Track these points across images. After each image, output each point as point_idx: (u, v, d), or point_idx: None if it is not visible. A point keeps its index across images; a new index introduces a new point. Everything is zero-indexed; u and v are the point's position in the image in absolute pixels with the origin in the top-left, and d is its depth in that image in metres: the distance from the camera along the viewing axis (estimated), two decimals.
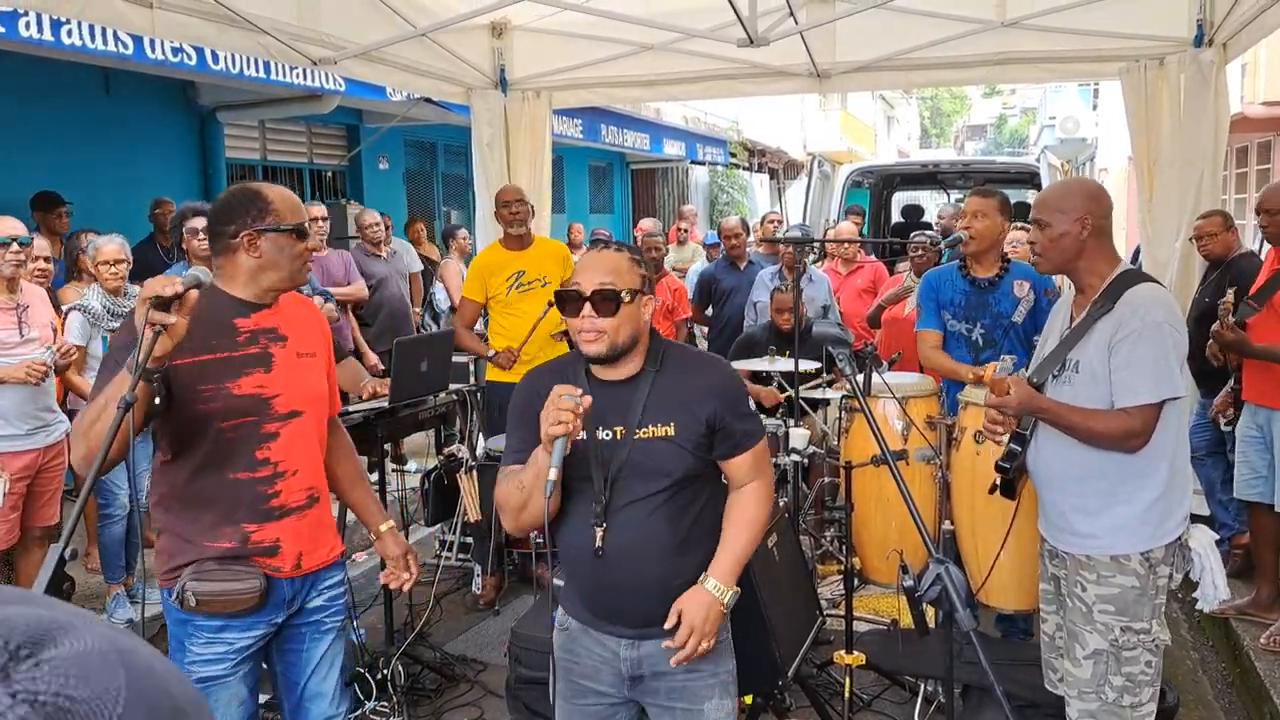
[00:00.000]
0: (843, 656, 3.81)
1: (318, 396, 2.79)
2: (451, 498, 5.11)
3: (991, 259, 4.53)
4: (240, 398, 2.60)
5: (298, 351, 2.73)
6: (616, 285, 2.33)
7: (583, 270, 2.40)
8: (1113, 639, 2.88)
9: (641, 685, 2.46)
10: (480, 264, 5.75)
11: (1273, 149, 14.48)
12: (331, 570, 2.85)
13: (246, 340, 2.64)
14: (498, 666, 4.63)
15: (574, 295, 2.34)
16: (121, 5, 4.13)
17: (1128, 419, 2.80)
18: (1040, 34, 5.70)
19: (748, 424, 2.47)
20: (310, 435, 2.75)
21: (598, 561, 2.37)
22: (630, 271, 2.38)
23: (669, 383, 2.40)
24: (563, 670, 2.55)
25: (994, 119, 66.73)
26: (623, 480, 2.37)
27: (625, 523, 2.37)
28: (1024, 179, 11.73)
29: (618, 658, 2.45)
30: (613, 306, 2.32)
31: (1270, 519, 4.70)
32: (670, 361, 2.45)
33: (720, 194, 20.81)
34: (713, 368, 2.53)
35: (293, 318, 2.77)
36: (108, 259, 4.95)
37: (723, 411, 2.40)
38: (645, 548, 2.37)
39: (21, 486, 4.55)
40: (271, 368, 2.65)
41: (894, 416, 4.66)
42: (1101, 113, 26.53)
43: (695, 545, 2.42)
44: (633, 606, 2.41)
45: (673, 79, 6.59)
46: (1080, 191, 3.04)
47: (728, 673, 2.49)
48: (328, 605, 2.83)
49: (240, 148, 10.20)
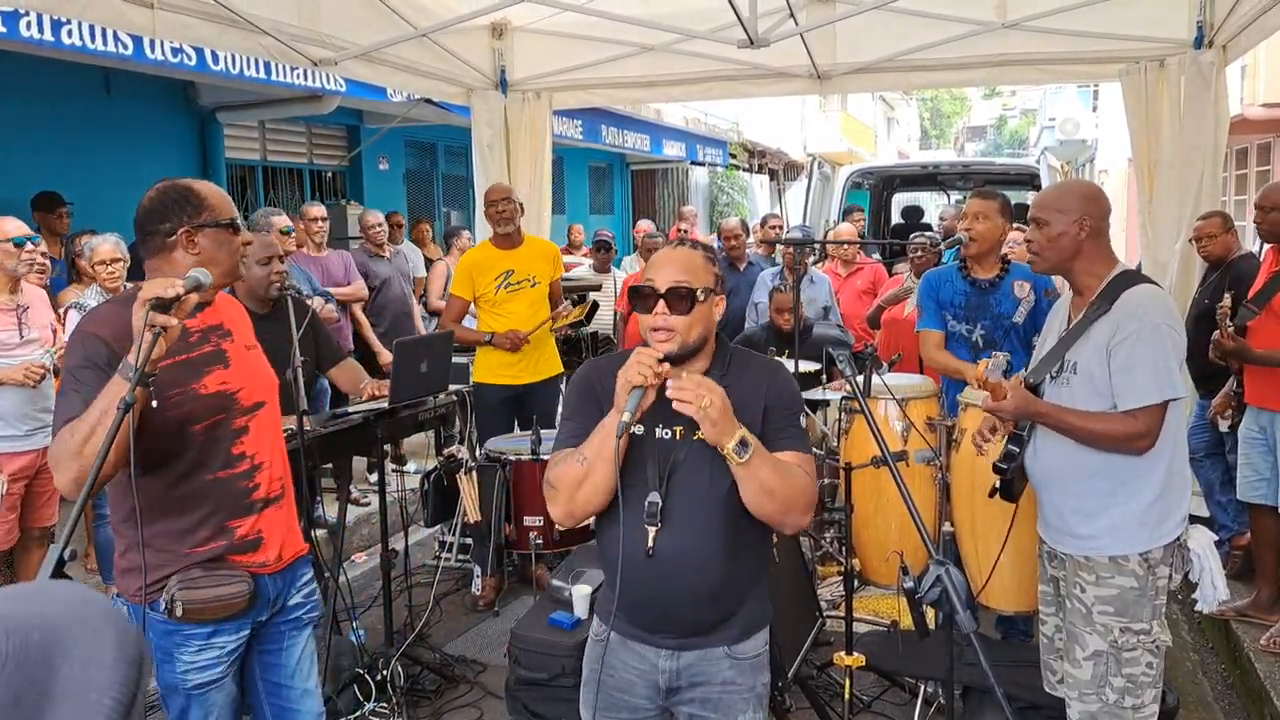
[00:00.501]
0: (843, 658, 3.81)
1: (272, 384, 2.81)
2: (451, 499, 5.10)
3: (992, 260, 4.54)
4: (207, 396, 2.58)
5: (245, 345, 2.74)
6: (692, 283, 2.30)
7: (657, 266, 2.35)
8: (1112, 640, 2.88)
9: (677, 695, 2.43)
10: (469, 262, 5.72)
11: (1272, 150, 14.49)
12: (303, 564, 2.87)
13: (198, 340, 2.62)
14: (497, 667, 4.62)
15: (648, 291, 2.31)
16: (122, 5, 4.13)
17: (1132, 421, 2.80)
18: (1040, 35, 5.70)
19: (793, 427, 2.39)
20: (274, 425, 2.78)
21: (647, 564, 2.31)
22: (705, 270, 2.35)
23: (732, 386, 2.33)
24: (595, 680, 2.48)
25: (994, 120, 66.78)
26: (678, 481, 2.33)
27: (679, 525, 2.32)
28: (1024, 180, 11.74)
29: (656, 669, 2.41)
30: (687, 305, 2.29)
31: (1272, 521, 4.70)
32: (735, 365, 2.42)
33: (720, 195, 20.81)
34: (773, 372, 2.49)
35: (229, 313, 2.79)
36: (103, 258, 4.96)
37: (771, 405, 2.37)
38: (697, 551, 2.32)
39: (20, 487, 4.56)
40: (229, 363, 2.65)
41: (894, 418, 4.66)
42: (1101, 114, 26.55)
43: (745, 554, 2.38)
44: (679, 613, 2.37)
45: (673, 80, 6.59)
46: (1079, 192, 3.04)
47: (764, 685, 2.46)
48: (304, 601, 2.85)
49: (240, 148, 10.20)
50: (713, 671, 2.40)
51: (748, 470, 2.23)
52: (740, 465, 2.22)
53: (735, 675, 2.39)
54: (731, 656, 2.40)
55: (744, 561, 2.38)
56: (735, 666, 2.40)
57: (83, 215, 7.15)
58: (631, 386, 2.20)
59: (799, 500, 2.30)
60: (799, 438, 2.38)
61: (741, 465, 2.22)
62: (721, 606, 2.37)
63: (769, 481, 2.24)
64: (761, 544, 2.46)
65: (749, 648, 2.43)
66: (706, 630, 2.38)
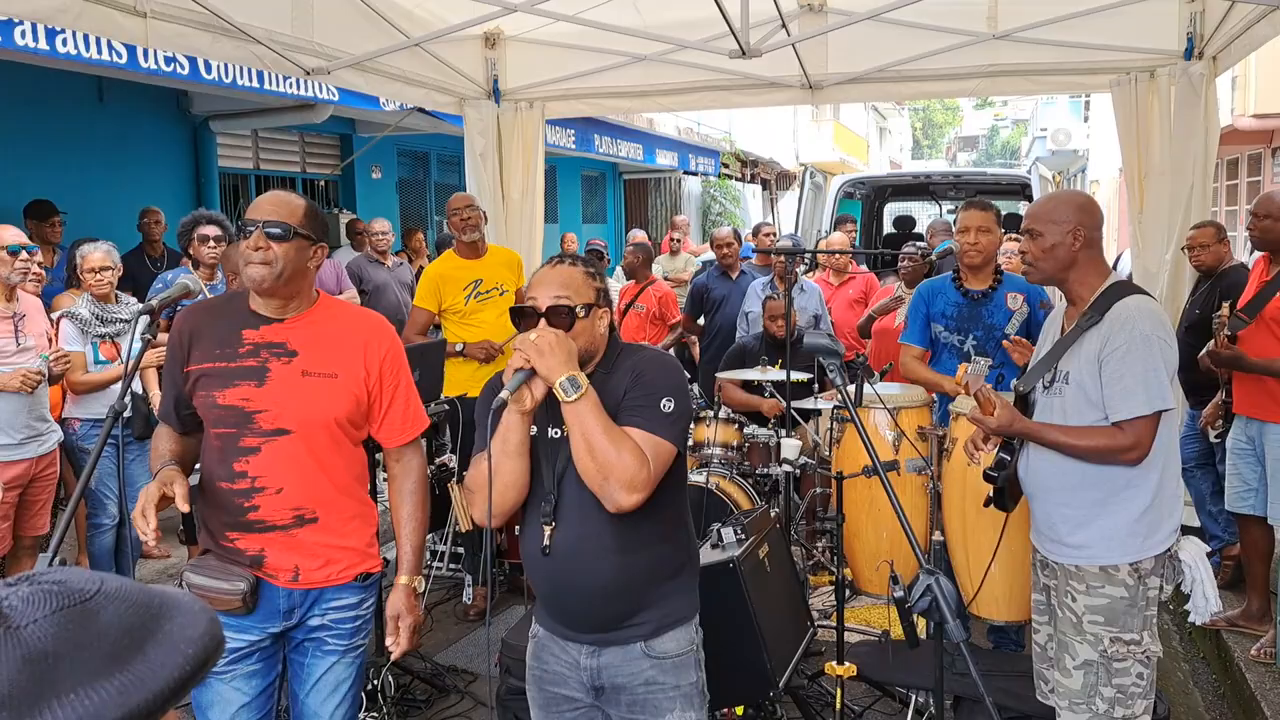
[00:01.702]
0: (834, 667, 3.81)
1: (315, 418, 2.65)
2: (442, 508, 5.10)
3: (987, 271, 4.56)
4: (222, 408, 2.62)
5: (304, 370, 2.64)
6: (571, 301, 2.34)
7: (538, 285, 2.40)
8: (1102, 649, 2.89)
9: (604, 696, 2.47)
10: (434, 273, 5.68)
11: (1263, 161, 14.55)
12: (341, 591, 2.76)
13: (247, 353, 2.64)
14: (488, 677, 4.61)
15: (529, 311, 2.36)
16: (116, 15, 4.13)
17: (1119, 434, 2.81)
18: (1032, 46, 5.73)
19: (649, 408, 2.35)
20: (301, 455, 2.65)
21: (546, 561, 2.40)
22: (585, 286, 2.39)
23: (614, 381, 2.40)
24: (534, 680, 2.56)
25: (986, 130, 67.01)
26: (571, 478, 2.37)
27: (571, 521, 2.38)
28: (1016, 190, 11.77)
29: (579, 666, 2.46)
30: (567, 322, 2.33)
31: (1261, 531, 4.71)
32: (622, 359, 2.46)
33: (713, 204, 20.85)
34: (649, 360, 2.47)
35: (316, 336, 2.69)
36: (93, 266, 4.97)
37: (632, 385, 2.38)
38: (590, 546, 2.37)
39: (13, 496, 4.54)
40: (265, 382, 2.62)
41: (885, 427, 4.67)
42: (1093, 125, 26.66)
43: (643, 546, 2.39)
44: (581, 608, 2.43)
45: (665, 90, 6.61)
46: (1072, 203, 3.05)
47: (690, 685, 2.47)
48: (332, 626, 2.75)
49: (233, 157, 10.19)
50: (633, 671, 2.43)
51: (575, 413, 2.26)
52: (569, 406, 2.26)
53: (657, 674, 2.42)
54: (650, 655, 2.43)
55: (643, 556, 2.40)
56: (656, 666, 2.43)
57: (75, 224, 7.13)
58: (514, 369, 2.27)
59: (618, 470, 2.25)
60: (655, 420, 2.34)
61: (570, 406, 2.25)
62: (623, 601, 2.40)
63: (592, 435, 2.25)
64: (665, 539, 2.46)
65: (669, 646, 2.44)
66: (614, 625, 2.42)
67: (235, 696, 2.68)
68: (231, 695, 2.68)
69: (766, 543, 3.91)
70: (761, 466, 5.56)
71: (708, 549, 3.78)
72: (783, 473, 5.22)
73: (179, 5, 4.37)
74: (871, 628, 4.82)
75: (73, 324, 4.88)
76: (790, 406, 5.38)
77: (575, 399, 2.24)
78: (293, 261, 2.60)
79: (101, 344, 4.93)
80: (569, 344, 2.29)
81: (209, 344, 2.65)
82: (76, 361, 4.78)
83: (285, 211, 2.61)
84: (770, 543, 3.96)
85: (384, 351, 2.76)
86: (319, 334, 2.70)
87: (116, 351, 4.96)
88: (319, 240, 2.69)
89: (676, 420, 2.38)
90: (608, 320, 2.45)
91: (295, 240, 2.59)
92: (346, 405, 2.69)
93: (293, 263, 2.60)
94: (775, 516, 4.31)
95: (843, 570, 4.11)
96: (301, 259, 2.63)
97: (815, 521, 5.68)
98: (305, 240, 2.63)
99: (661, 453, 2.33)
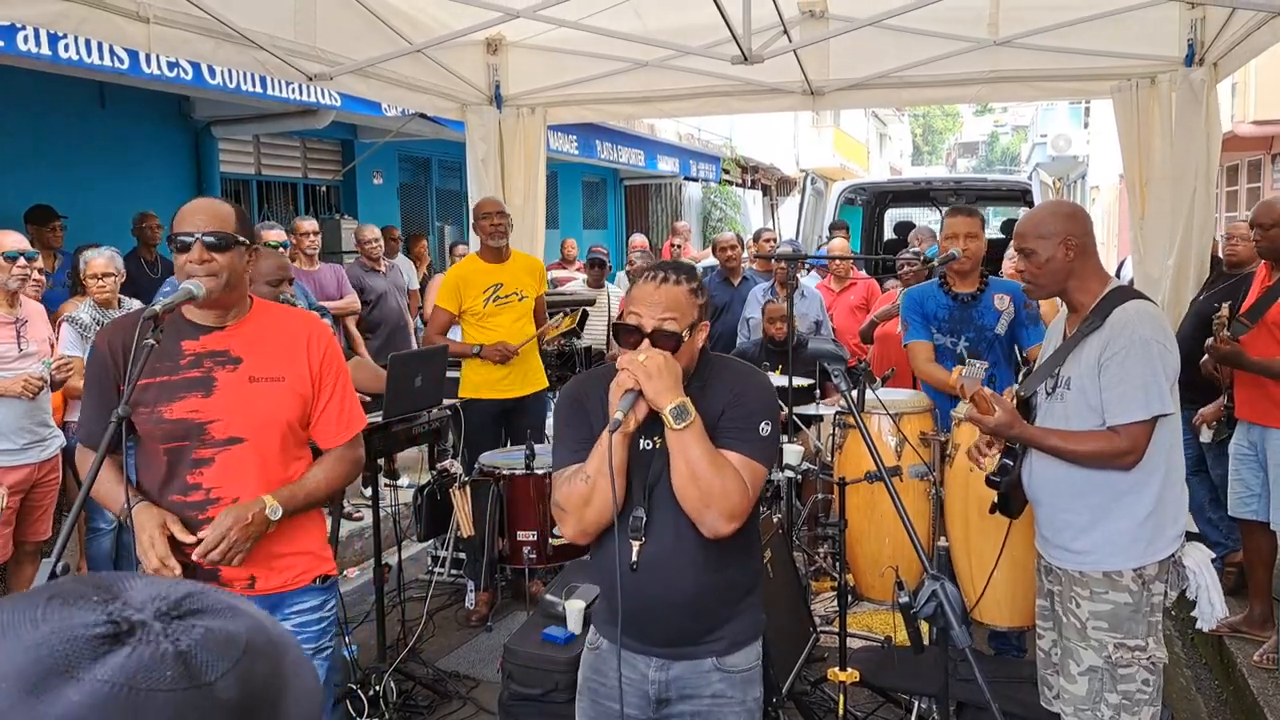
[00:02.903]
0: (837, 673, 3.81)
1: (267, 423, 2.64)
2: (444, 513, 5.09)
3: (974, 275, 4.63)
4: (172, 422, 2.60)
5: (251, 375, 2.62)
6: (678, 324, 2.29)
7: (641, 303, 2.32)
8: (1107, 656, 2.88)
9: (667, 708, 2.43)
10: (456, 275, 5.72)
11: (1263, 167, 14.57)
12: (301, 594, 2.74)
13: (189, 364, 2.62)
14: (490, 683, 4.61)
15: (633, 330, 2.31)
16: (118, 20, 4.14)
17: (1115, 438, 2.81)
18: (1033, 53, 5.73)
19: (747, 430, 2.34)
20: (252, 464, 2.63)
21: (632, 576, 2.33)
22: (690, 306, 2.33)
23: (705, 389, 2.36)
24: (589, 691, 2.50)
25: (986, 137, 67.13)
26: (661, 492, 2.33)
27: (660, 536, 2.34)
28: (1016, 196, 11.78)
29: (646, 679, 2.42)
30: (673, 344, 2.28)
31: (1264, 537, 4.70)
32: (714, 372, 2.43)
33: (713, 210, 20.86)
34: (744, 376, 2.46)
35: (258, 340, 2.67)
36: (96, 272, 4.97)
37: (730, 405, 2.35)
38: (679, 562, 2.33)
39: (15, 501, 4.54)
40: (211, 392, 2.60)
41: (887, 432, 4.67)
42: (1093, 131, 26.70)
43: (729, 564, 2.37)
44: (663, 624, 2.38)
45: (667, 96, 6.61)
46: (1056, 214, 3.06)
47: (755, 700, 2.45)
48: (298, 630, 2.72)
49: (235, 162, 10.20)
50: (702, 684, 2.39)
51: (680, 441, 2.23)
52: (675, 433, 2.23)
53: (726, 688, 2.39)
54: (721, 669, 2.40)
55: (726, 572, 2.38)
56: (725, 679, 2.40)
57: (77, 229, 7.14)
58: (623, 390, 2.22)
59: (720, 499, 2.24)
60: (752, 443, 2.34)
61: (676, 433, 2.23)
62: (704, 617, 2.37)
63: (697, 463, 2.23)
64: (746, 555, 2.44)
65: (739, 661, 2.42)
66: (691, 641, 2.38)
67: None
68: None
69: (769, 548, 3.90)
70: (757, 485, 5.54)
71: None
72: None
73: (182, 10, 4.38)
74: (874, 633, 4.81)
75: (73, 329, 4.88)
76: (792, 412, 5.37)
77: (684, 427, 2.22)
78: (234, 269, 2.59)
79: None
80: (676, 368, 2.25)
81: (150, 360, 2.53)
82: (75, 367, 4.77)
83: (220, 219, 2.59)
84: (773, 548, 3.96)
85: (323, 350, 2.75)
86: (260, 338, 2.68)
87: None
88: (252, 243, 2.68)
89: (773, 444, 2.39)
90: (706, 332, 2.41)
91: (234, 248, 2.58)
92: (295, 407, 2.69)
93: (234, 270, 2.59)
94: (778, 522, 4.30)
95: (845, 576, 4.11)
96: (241, 265, 2.62)
97: (817, 527, 5.67)
98: (241, 246, 2.61)
99: (759, 478, 2.33)
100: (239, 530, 2.53)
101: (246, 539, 2.55)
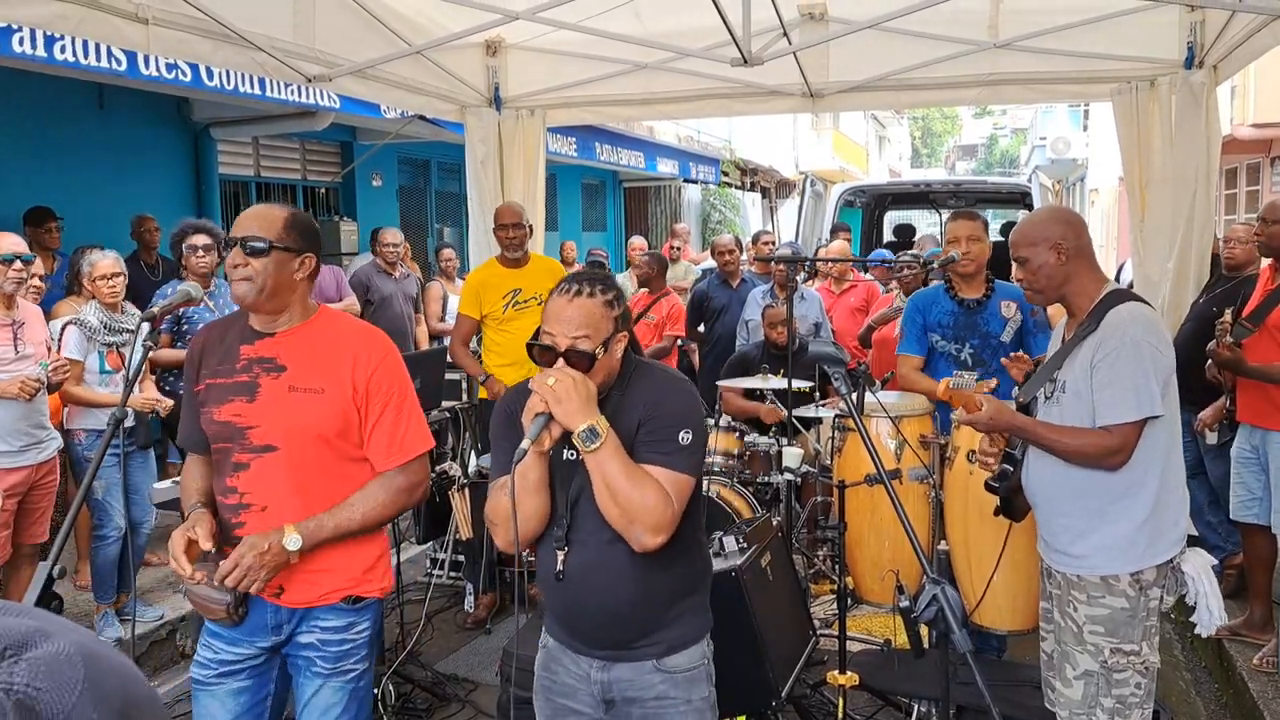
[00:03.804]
0: (836, 677, 3.80)
1: (302, 433, 2.60)
2: (443, 515, 5.09)
3: (979, 280, 4.57)
4: (218, 424, 2.62)
5: (291, 385, 2.60)
6: (592, 342, 2.26)
7: (555, 320, 2.28)
8: (1103, 660, 2.88)
9: (614, 710, 2.45)
10: (476, 281, 5.74)
11: (1262, 171, 14.58)
12: (327, 612, 2.69)
13: (242, 368, 2.64)
14: (489, 686, 4.60)
15: (547, 349, 2.28)
16: (116, 21, 4.12)
17: (1106, 436, 2.81)
18: (1032, 55, 5.73)
19: (666, 441, 2.30)
20: (285, 473, 2.60)
21: (560, 585, 2.37)
22: (605, 320, 2.29)
23: (629, 403, 2.35)
24: (543, 689, 2.54)
25: (985, 139, 67.22)
26: (585, 502, 2.33)
27: (585, 546, 2.35)
28: (1015, 199, 11.78)
29: (589, 679, 2.44)
30: (586, 363, 2.26)
31: (1265, 540, 4.69)
32: (635, 380, 2.40)
33: (713, 212, 20.87)
34: (663, 384, 2.41)
35: (306, 350, 2.64)
36: (104, 274, 4.96)
37: (647, 416, 2.32)
38: (604, 571, 2.34)
39: (13, 504, 4.53)
40: (255, 397, 2.60)
41: (887, 435, 4.66)
42: (1092, 133, 26.72)
43: (664, 569, 2.35)
44: (595, 630, 2.40)
45: (666, 98, 6.61)
46: (1047, 220, 3.07)
47: (702, 699, 2.44)
48: (319, 646, 2.69)
49: (234, 164, 10.19)
50: (644, 685, 2.41)
51: (595, 461, 2.22)
52: (588, 454, 2.22)
53: (669, 689, 2.40)
54: (662, 670, 2.41)
55: (659, 578, 2.37)
56: (667, 680, 2.41)
57: (75, 231, 7.13)
58: (534, 414, 2.22)
59: (642, 514, 2.23)
60: (672, 454, 2.30)
61: (589, 455, 2.22)
62: (639, 622, 2.38)
63: (614, 481, 2.22)
64: (684, 559, 2.42)
65: (680, 662, 2.42)
66: (627, 645, 2.40)
67: (220, 711, 2.67)
68: (216, 710, 2.67)
69: (768, 551, 3.90)
70: (763, 475, 5.56)
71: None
72: (784, 481, 5.21)
73: (181, 12, 4.37)
74: (874, 637, 4.81)
75: (80, 331, 4.86)
76: (791, 414, 5.37)
77: (595, 448, 2.20)
78: (274, 275, 2.57)
79: (108, 353, 4.92)
80: (587, 388, 2.22)
81: (213, 360, 2.67)
82: (74, 371, 4.76)
83: (264, 225, 2.59)
84: (772, 551, 3.95)
85: (373, 367, 2.65)
86: (309, 348, 2.65)
87: (121, 361, 4.95)
88: (304, 251, 2.64)
89: (696, 450, 2.34)
90: (625, 342, 2.38)
91: (275, 254, 2.57)
92: (334, 421, 2.61)
93: (274, 277, 2.58)
94: (777, 525, 4.30)
95: (845, 579, 4.10)
96: (285, 272, 2.60)
97: (817, 530, 5.67)
98: (287, 253, 2.59)
99: (683, 488, 2.31)
100: (254, 558, 2.50)
101: (262, 567, 2.51)
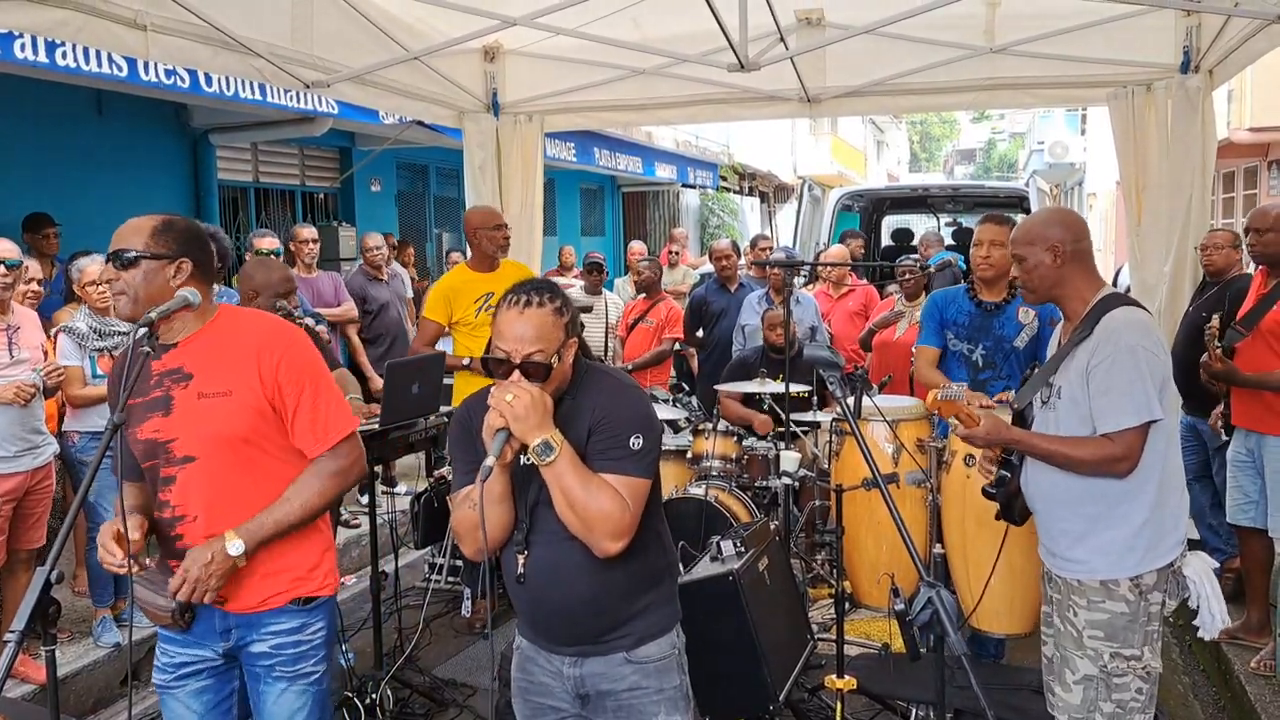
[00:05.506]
0: (834, 680, 3.80)
1: (216, 438, 2.54)
2: (441, 520, 5.08)
3: (1001, 284, 4.57)
4: (141, 443, 2.60)
5: (200, 392, 2.55)
6: (545, 354, 2.30)
7: (508, 333, 2.31)
8: (1102, 665, 2.88)
9: (589, 704, 2.50)
10: (446, 286, 5.64)
11: (1259, 174, 14.60)
12: (278, 615, 2.66)
13: (155, 383, 2.59)
14: (487, 691, 4.59)
15: (502, 363, 2.31)
16: (116, 27, 4.14)
17: (1109, 444, 2.81)
18: (1029, 60, 5.74)
19: (618, 449, 2.34)
20: (207, 481, 2.57)
21: (523, 586, 2.43)
22: (555, 329, 2.33)
23: (581, 409, 2.38)
24: (520, 691, 2.59)
25: (983, 144, 67.23)
26: (543, 506, 2.37)
27: (543, 548, 2.40)
28: (1013, 203, 11.78)
29: (562, 675, 2.50)
30: (542, 374, 2.30)
31: (1261, 543, 4.70)
32: (587, 386, 2.43)
33: (711, 217, 20.89)
34: (612, 391, 2.44)
35: (209, 354, 2.59)
36: (92, 279, 4.94)
37: (597, 423, 2.35)
38: (561, 570, 2.39)
39: (9, 509, 4.54)
40: (170, 411, 2.56)
41: (884, 439, 4.67)
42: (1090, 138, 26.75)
43: (619, 564, 2.37)
44: (560, 627, 2.46)
45: (664, 103, 6.62)
46: (1047, 220, 3.07)
47: (674, 688, 2.50)
48: (274, 653, 2.66)
49: (232, 170, 10.20)
50: (616, 678, 2.46)
51: (551, 473, 2.27)
52: (545, 467, 2.27)
53: (640, 679, 2.45)
54: (632, 661, 2.46)
55: (620, 573, 2.40)
56: (639, 671, 2.46)
57: (74, 237, 7.12)
58: (494, 430, 2.25)
59: (600, 521, 2.28)
60: (624, 460, 2.33)
61: (546, 467, 2.26)
62: (604, 617, 2.43)
63: (570, 491, 2.27)
64: (641, 553, 2.43)
65: (651, 652, 2.48)
66: (595, 640, 2.45)
67: (185, 713, 2.69)
68: (182, 711, 2.69)
69: (766, 555, 3.90)
70: (760, 479, 5.56)
71: (707, 562, 3.78)
72: (782, 485, 5.21)
73: (180, 18, 4.38)
74: (871, 641, 4.81)
75: (70, 338, 4.86)
76: (789, 419, 5.37)
77: (550, 461, 2.25)
78: (145, 285, 2.53)
79: (100, 357, 4.91)
80: (544, 402, 2.26)
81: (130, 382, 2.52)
82: (73, 375, 4.76)
83: (133, 236, 2.55)
84: (770, 555, 3.96)
85: (278, 358, 2.58)
86: (212, 352, 2.59)
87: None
88: (179, 256, 2.57)
89: (648, 453, 2.38)
90: (575, 349, 2.42)
91: (144, 263, 2.53)
92: (246, 422, 2.56)
93: (145, 286, 2.53)
94: (775, 529, 4.30)
95: (842, 583, 4.10)
96: (158, 279, 2.55)
97: (815, 534, 5.67)
98: (156, 260, 2.54)
99: (638, 492, 2.35)
100: (199, 570, 2.49)
101: (209, 576, 2.50)
